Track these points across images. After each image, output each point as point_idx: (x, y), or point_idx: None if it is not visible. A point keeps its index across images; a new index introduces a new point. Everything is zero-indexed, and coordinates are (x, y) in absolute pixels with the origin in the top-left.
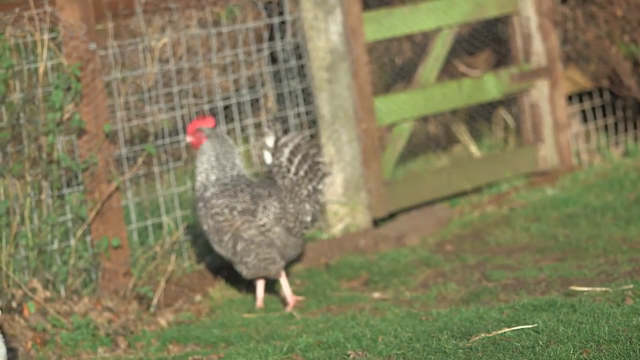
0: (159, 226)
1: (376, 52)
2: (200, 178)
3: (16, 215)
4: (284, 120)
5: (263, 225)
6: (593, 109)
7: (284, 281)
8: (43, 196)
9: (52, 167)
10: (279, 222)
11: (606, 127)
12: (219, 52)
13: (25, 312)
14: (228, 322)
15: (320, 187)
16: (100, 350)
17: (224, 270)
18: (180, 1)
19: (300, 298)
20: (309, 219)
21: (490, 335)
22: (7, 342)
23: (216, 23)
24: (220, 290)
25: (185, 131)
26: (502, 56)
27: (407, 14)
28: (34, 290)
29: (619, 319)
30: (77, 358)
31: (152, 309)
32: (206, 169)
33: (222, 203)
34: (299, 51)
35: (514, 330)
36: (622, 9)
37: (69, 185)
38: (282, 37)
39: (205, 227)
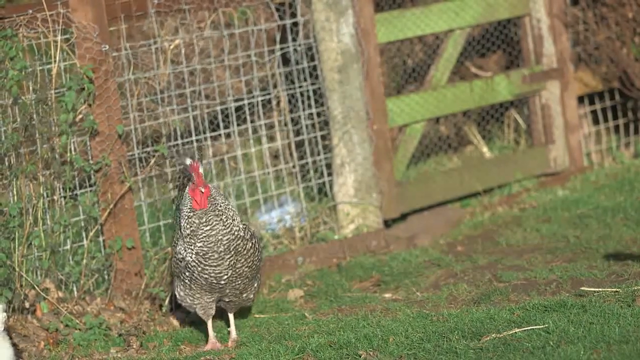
0: (171, 227)
1: (388, 53)
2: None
3: (29, 216)
4: (296, 122)
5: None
6: (604, 110)
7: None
8: (56, 197)
9: (65, 168)
10: None
11: (617, 128)
12: (231, 54)
13: (38, 312)
14: (240, 323)
15: None
16: (112, 350)
17: None
18: (193, 3)
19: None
20: None
21: (501, 335)
22: (18, 343)
23: (228, 24)
24: None
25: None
26: (513, 58)
27: (419, 16)
28: (46, 290)
29: (630, 320)
30: (89, 358)
31: (164, 309)
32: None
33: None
34: (311, 52)
35: (524, 330)
36: (633, 10)
37: (81, 186)
38: (294, 39)
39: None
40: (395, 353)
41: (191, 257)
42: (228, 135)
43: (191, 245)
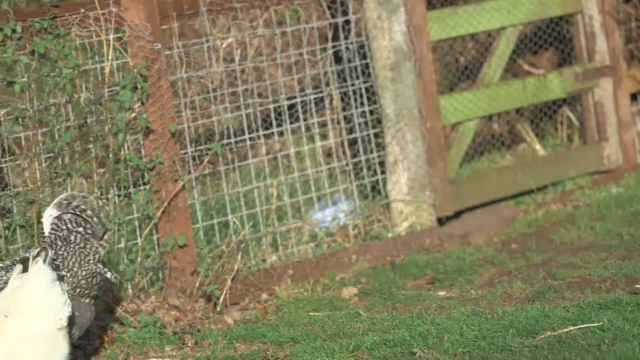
0: (224, 225)
1: (440, 51)
2: None
3: None
4: (349, 120)
5: None
6: None
7: None
8: (110, 195)
9: (119, 166)
10: None
11: None
12: (284, 52)
13: None
14: (294, 321)
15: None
16: (167, 348)
17: (290, 269)
18: (245, 1)
19: None
20: None
21: (556, 333)
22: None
23: (280, 23)
24: (286, 289)
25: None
26: (566, 55)
27: (471, 13)
28: None
29: None
30: (144, 356)
31: (218, 308)
32: None
33: None
34: (363, 50)
35: (579, 328)
36: None
37: (135, 184)
38: (346, 37)
39: None
40: (450, 351)
41: None
42: (281, 134)
43: None
